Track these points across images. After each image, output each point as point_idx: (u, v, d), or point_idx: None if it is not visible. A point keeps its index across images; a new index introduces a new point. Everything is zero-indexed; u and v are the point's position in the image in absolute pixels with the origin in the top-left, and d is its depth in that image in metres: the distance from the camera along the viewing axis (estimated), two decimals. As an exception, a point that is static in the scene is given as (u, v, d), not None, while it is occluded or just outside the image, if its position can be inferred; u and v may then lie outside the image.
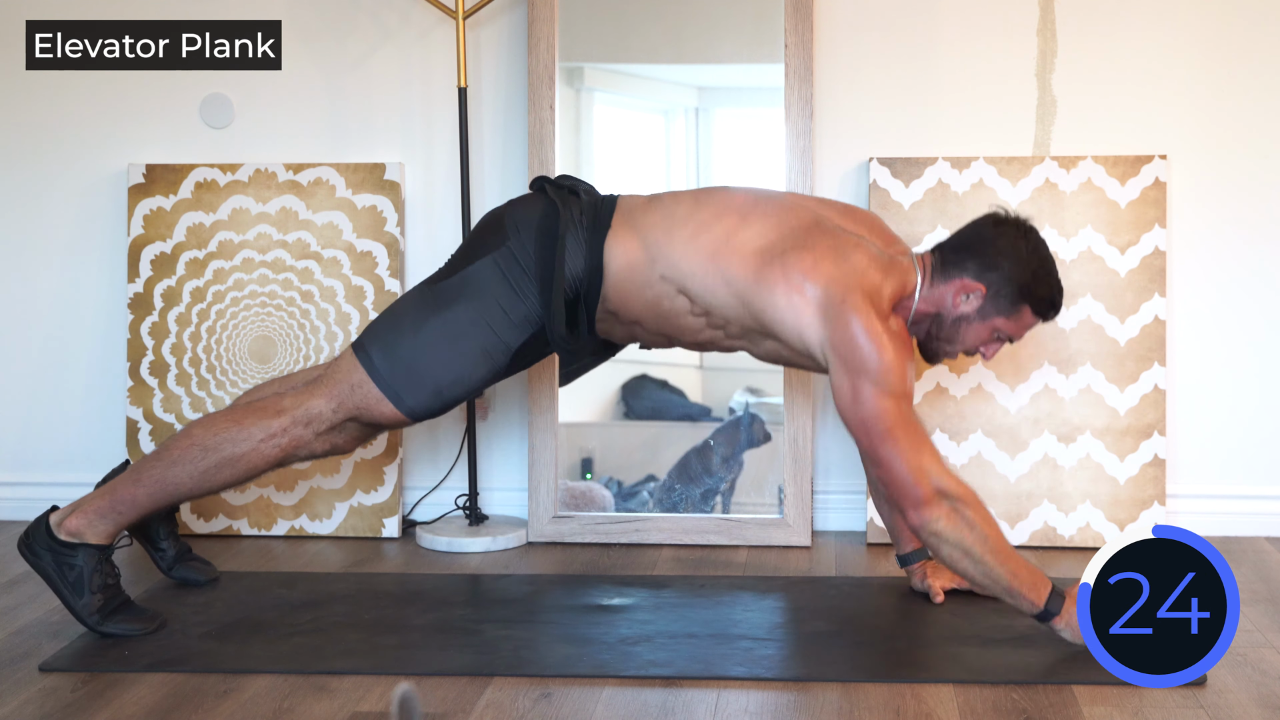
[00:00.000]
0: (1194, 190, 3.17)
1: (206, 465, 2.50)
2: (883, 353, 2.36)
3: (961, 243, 2.53)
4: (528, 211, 2.59)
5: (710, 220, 2.52)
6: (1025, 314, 2.51)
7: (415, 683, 2.26)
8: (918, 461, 2.32)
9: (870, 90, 3.21)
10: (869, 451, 2.38)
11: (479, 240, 2.60)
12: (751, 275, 2.46)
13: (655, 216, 2.55)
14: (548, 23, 3.17)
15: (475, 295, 2.53)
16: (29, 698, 2.22)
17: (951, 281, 2.50)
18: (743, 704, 2.18)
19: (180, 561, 2.80)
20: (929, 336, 2.55)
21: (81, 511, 2.48)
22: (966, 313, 2.50)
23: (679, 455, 3.20)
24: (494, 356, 2.55)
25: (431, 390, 2.54)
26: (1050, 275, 2.51)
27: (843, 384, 2.38)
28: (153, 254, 3.29)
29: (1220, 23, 3.14)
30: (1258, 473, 3.19)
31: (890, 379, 2.36)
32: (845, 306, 2.39)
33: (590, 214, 2.56)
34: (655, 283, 2.51)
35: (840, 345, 2.38)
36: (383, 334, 2.55)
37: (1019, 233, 2.50)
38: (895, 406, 2.35)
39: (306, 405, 2.53)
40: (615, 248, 2.52)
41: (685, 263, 2.49)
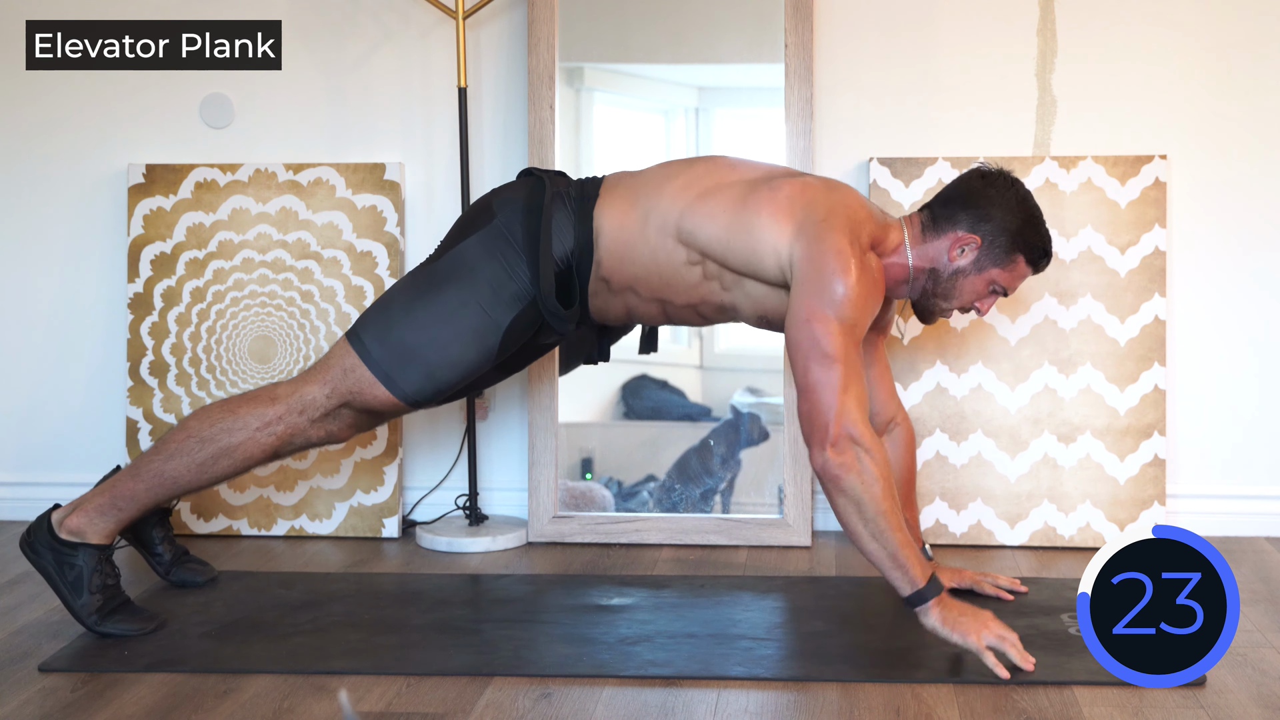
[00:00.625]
0: (1194, 190, 3.17)
1: (204, 456, 2.51)
2: (847, 276, 2.35)
3: (950, 198, 2.54)
4: (514, 191, 2.64)
5: (702, 171, 2.58)
6: (1019, 263, 2.53)
7: (415, 683, 2.26)
8: (843, 400, 2.28)
9: (870, 90, 3.21)
10: (800, 373, 2.33)
11: (466, 222, 2.63)
12: (740, 200, 2.49)
13: (645, 178, 2.61)
14: (548, 23, 3.17)
15: (464, 275, 2.55)
16: (29, 698, 2.22)
17: (945, 235, 2.52)
18: (743, 704, 2.18)
19: (177, 564, 2.80)
20: (925, 294, 2.56)
21: (82, 510, 2.48)
22: (963, 265, 2.51)
23: (679, 455, 3.19)
24: (485, 336, 2.55)
25: (424, 372, 2.54)
26: (1041, 223, 2.54)
27: (800, 298, 2.36)
28: (153, 254, 3.29)
29: (1220, 23, 3.14)
30: (1258, 473, 3.19)
31: (848, 307, 2.34)
32: (823, 225, 2.40)
33: (578, 188, 2.62)
34: (650, 235, 2.53)
35: (808, 259, 2.37)
36: (374, 319, 2.58)
37: (1006, 184, 2.52)
38: (844, 335, 2.32)
39: (300, 392, 2.54)
40: (606, 211, 2.56)
41: (677, 205, 2.52)
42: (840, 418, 2.28)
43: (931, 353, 3.13)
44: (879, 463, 2.28)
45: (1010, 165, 3.13)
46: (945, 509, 3.11)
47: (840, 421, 2.28)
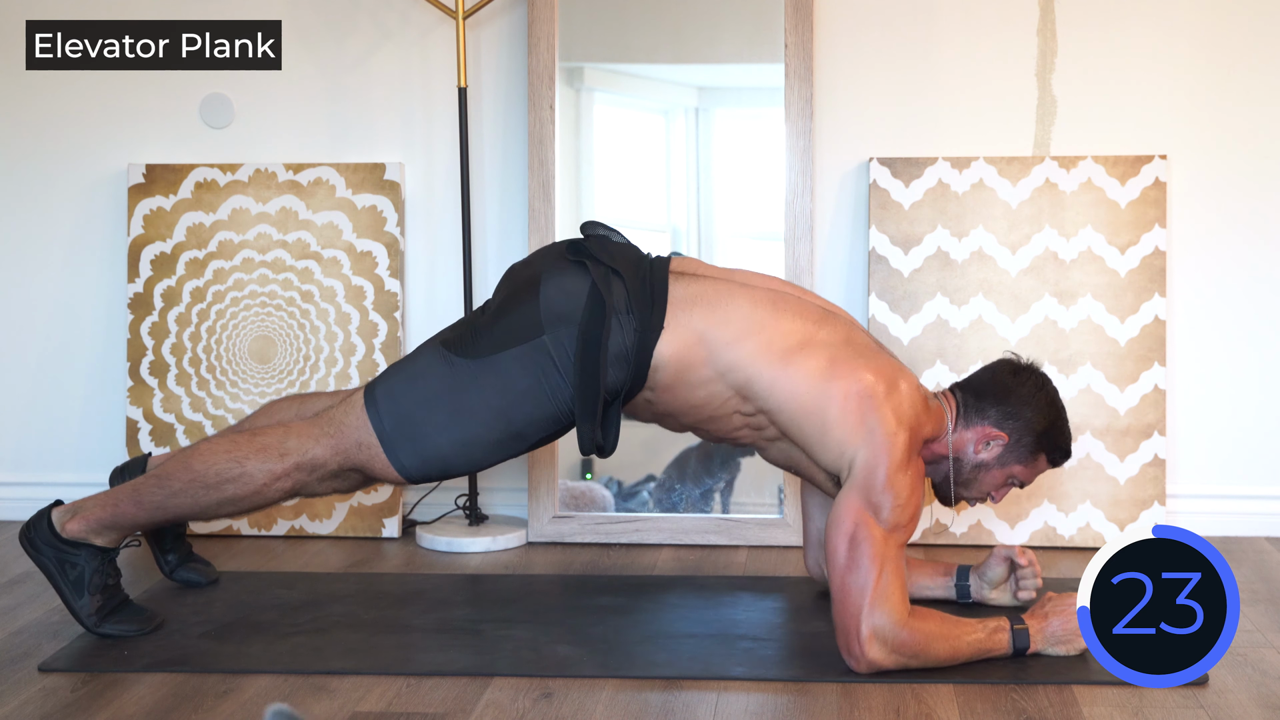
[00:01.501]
0: (1194, 190, 3.17)
1: (208, 501, 2.46)
2: (904, 491, 2.31)
3: (981, 389, 2.50)
4: (567, 298, 2.42)
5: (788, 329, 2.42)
6: (1041, 461, 2.50)
7: (415, 683, 2.26)
8: (872, 603, 2.24)
9: (870, 90, 3.21)
10: (837, 573, 2.28)
11: (513, 319, 2.44)
12: (821, 373, 2.37)
13: (718, 314, 2.42)
14: (548, 23, 3.17)
15: (501, 388, 2.42)
16: (29, 698, 2.22)
17: (973, 428, 2.48)
18: (743, 704, 2.18)
19: (182, 564, 2.80)
20: (945, 480, 2.52)
21: (83, 518, 2.47)
22: (986, 460, 2.48)
23: (678, 453, 3.19)
24: (509, 447, 2.48)
25: (439, 469, 2.48)
26: (1065, 425, 2.51)
27: (850, 502, 2.30)
28: (153, 254, 3.29)
29: (1220, 23, 3.14)
30: (1258, 473, 3.19)
31: (899, 515, 2.30)
32: (892, 439, 2.33)
33: (639, 301, 2.41)
34: (712, 382, 2.42)
35: (867, 468, 2.31)
36: (398, 397, 2.45)
37: (1037, 383, 2.49)
38: (887, 540, 2.28)
39: (310, 453, 2.45)
40: (669, 348, 2.40)
41: (754, 366, 2.39)
42: (864, 623, 2.24)
43: (931, 353, 3.13)
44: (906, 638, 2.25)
45: (1010, 165, 3.13)
46: (945, 509, 3.11)
47: (863, 629, 2.24)
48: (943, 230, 3.13)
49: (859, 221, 3.22)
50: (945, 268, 3.13)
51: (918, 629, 2.25)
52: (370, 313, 3.24)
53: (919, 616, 2.27)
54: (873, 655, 2.24)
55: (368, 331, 3.24)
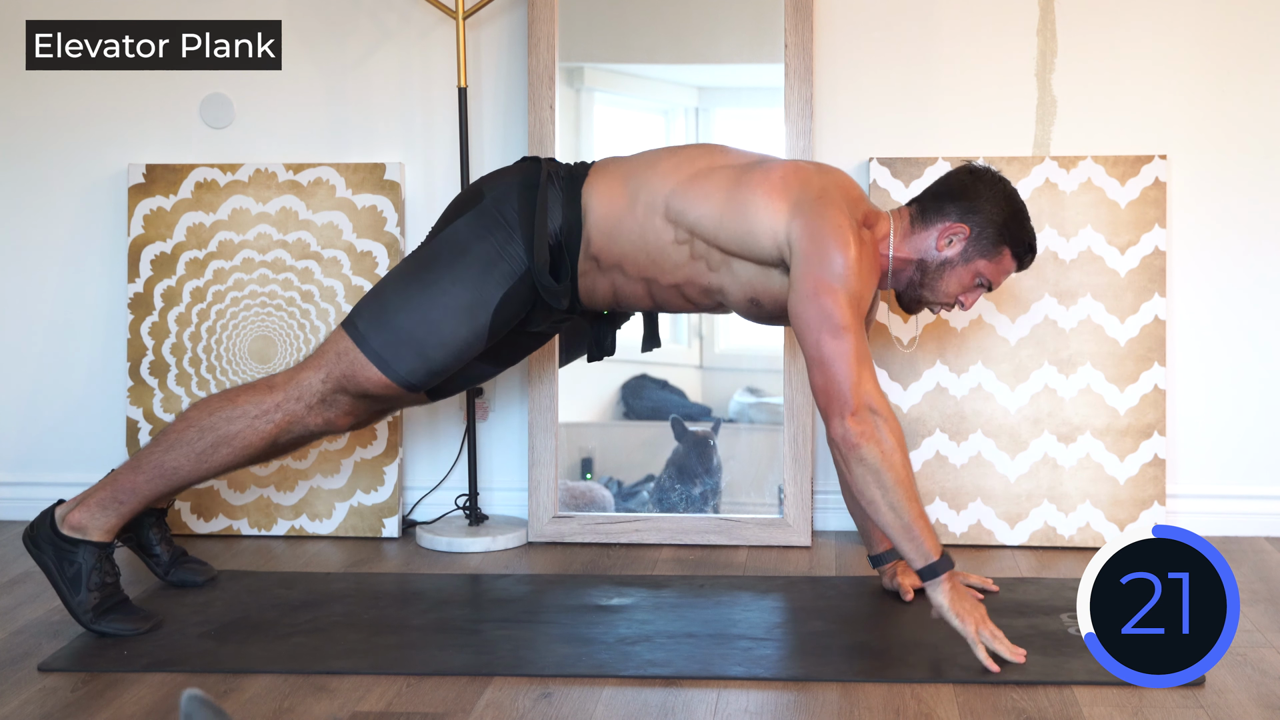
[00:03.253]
0: (1194, 190, 3.17)
1: (203, 445, 2.52)
2: (848, 250, 2.39)
3: (939, 191, 2.58)
4: (503, 173, 2.67)
5: (694, 154, 2.61)
6: (1005, 257, 2.56)
7: (415, 683, 2.26)
8: (858, 370, 2.32)
9: (870, 90, 3.21)
10: (812, 345, 2.35)
11: (455, 206, 2.67)
12: (733, 181, 2.52)
13: (635, 160, 2.64)
14: (548, 23, 3.17)
15: (454, 254, 2.57)
16: (29, 698, 2.22)
17: (933, 226, 2.55)
18: (743, 704, 2.18)
19: (176, 564, 2.80)
20: (911, 284, 2.58)
21: (84, 505, 2.49)
22: (950, 256, 2.54)
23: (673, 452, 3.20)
24: (476, 314, 2.56)
25: (416, 352, 2.55)
26: (1027, 219, 2.57)
27: (804, 275, 2.38)
28: (153, 254, 3.29)
29: (1220, 23, 3.14)
30: (1258, 473, 3.19)
31: (853, 279, 2.37)
32: (819, 202, 2.43)
33: (567, 170, 2.65)
34: (639, 213, 2.55)
35: (808, 235, 2.40)
36: (368, 304, 2.60)
37: (994, 179, 2.57)
38: (851, 306, 2.35)
39: (297, 379, 2.57)
40: (595, 190, 2.59)
41: (667, 184, 2.55)
42: (857, 387, 2.32)
43: (931, 353, 3.13)
44: (896, 432, 2.33)
45: (1010, 165, 3.13)
46: (945, 509, 3.11)
47: (858, 391, 2.31)
48: (943, 230, 3.13)
49: (859, 221, 3.22)
50: (945, 268, 3.13)
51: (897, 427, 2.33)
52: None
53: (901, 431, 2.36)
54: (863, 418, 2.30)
55: (368, 331, 3.24)
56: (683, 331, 3.28)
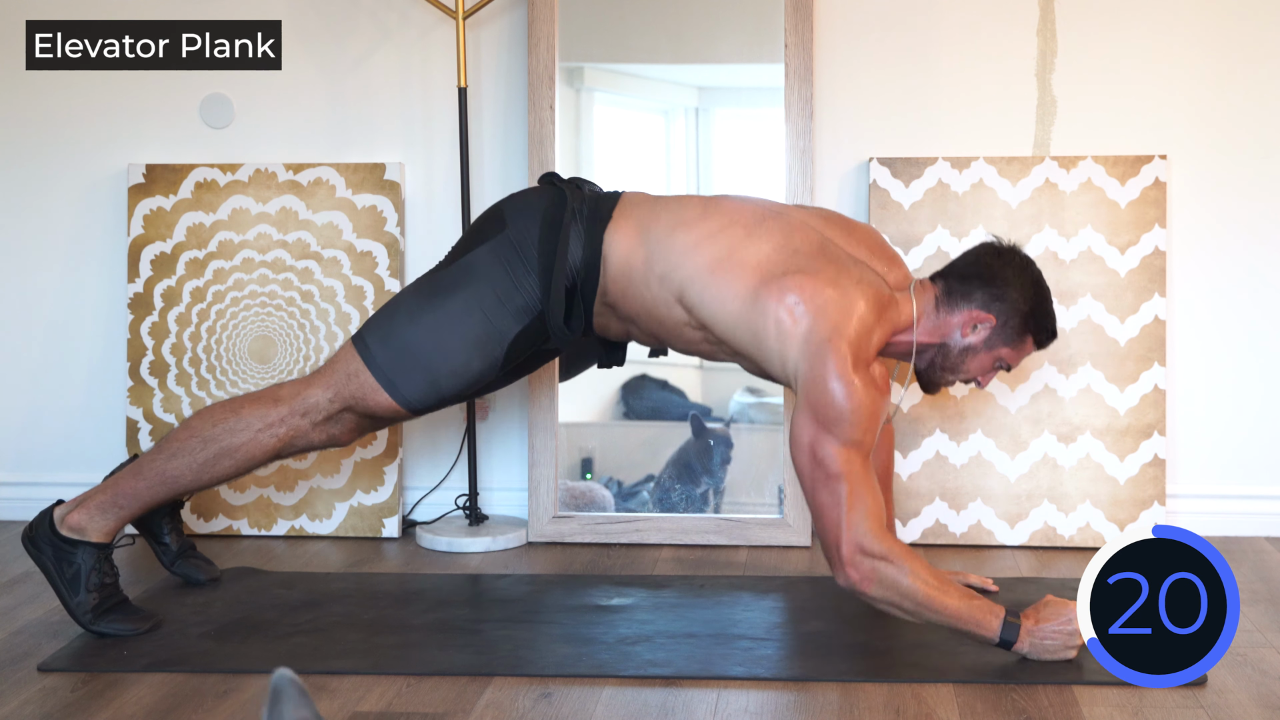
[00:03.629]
0: (1194, 190, 3.17)
1: (206, 456, 2.50)
2: (851, 400, 2.31)
3: (966, 272, 2.52)
4: (528, 200, 2.59)
5: (715, 230, 2.48)
6: (1028, 343, 2.53)
7: (415, 683, 2.26)
8: (850, 517, 2.27)
9: (870, 90, 3.21)
10: (808, 493, 2.33)
11: (477, 230, 2.61)
12: (749, 293, 2.42)
13: (659, 214, 2.54)
14: (548, 23, 3.17)
15: (471, 284, 2.53)
16: (29, 698, 2.22)
17: (959, 312, 2.50)
18: (743, 704, 2.18)
19: (182, 557, 2.80)
20: (932, 366, 2.54)
21: (84, 506, 2.48)
22: (973, 343, 2.50)
23: (675, 451, 3.20)
24: (489, 346, 2.53)
25: (426, 379, 2.53)
26: (1050, 305, 2.54)
27: (803, 420, 2.33)
28: (153, 254, 3.29)
29: (1220, 23, 3.14)
30: (1258, 473, 3.19)
31: (852, 430, 2.31)
32: (827, 346, 2.34)
33: (592, 204, 2.56)
34: (653, 284, 2.50)
35: (811, 383, 2.34)
36: (380, 323, 2.56)
37: (1021, 264, 2.52)
38: (848, 455, 2.30)
39: (304, 395, 2.53)
40: (615, 238, 2.52)
41: (684, 269, 2.46)
42: (849, 535, 2.27)
43: (931, 353, 3.13)
44: (898, 560, 2.26)
45: (1010, 165, 3.13)
46: (945, 509, 3.11)
47: (849, 540, 2.27)
48: (943, 230, 3.13)
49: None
50: (945, 268, 3.13)
51: (902, 553, 2.27)
52: (370, 313, 3.24)
53: (908, 552, 2.28)
54: (858, 568, 2.25)
55: (368, 331, 3.24)
56: (683, 331, 3.27)
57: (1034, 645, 2.29)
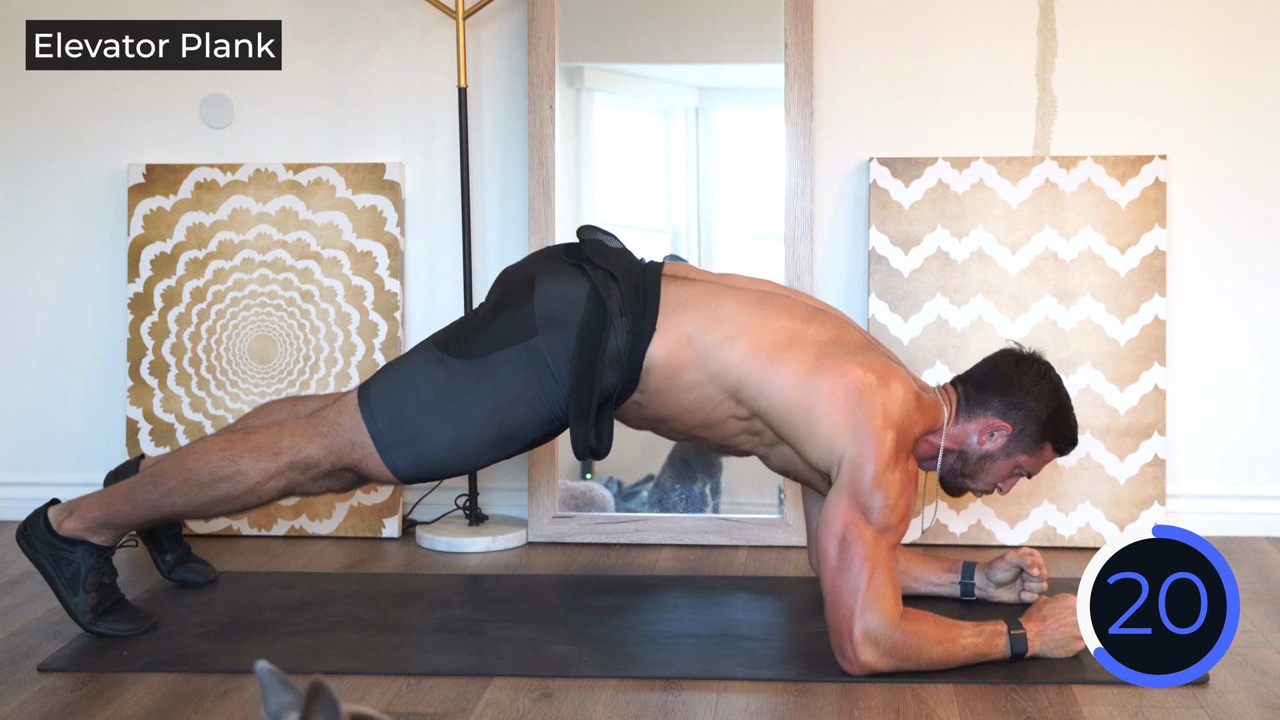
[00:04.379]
0: (1194, 190, 3.17)
1: (201, 500, 2.47)
2: (892, 487, 2.31)
3: (984, 380, 2.50)
4: (562, 300, 2.44)
5: (775, 331, 2.43)
6: (1046, 450, 2.50)
7: (415, 683, 2.26)
8: (865, 602, 2.24)
9: (870, 90, 3.21)
10: (829, 576, 2.29)
11: (507, 319, 2.45)
12: (808, 370, 2.38)
13: (707, 315, 2.43)
14: (548, 23, 3.17)
15: (494, 389, 2.43)
16: (29, 698, 2.22)
17: (976, 419, 2.48)
18: (743, 704, 2.18)
19: (180, 564, 2.80)
20: (953, 472, 2.51)
21: (79, 516, 2.47)
22: (991, 450, 2.48)
23: (674, 453, 3.20)
24: (502, 448, 2.49)
25: (431, 468, 2.48)
26: (1070, 413, 2.51)
27: (839, 503, 2.31)
28: (153, 254, 3.29)
29: (1220, 23, 3.14)
30: (1258, 473, 3.19)
31: (889, 516, 2.30)
32: (879, 434, 2.32)
33: (632, 304, 2.42)
34: (703, 385, 2.42)
35: (856, 467, 2.32)
36: (391, 398, 2.46)
37: (1039, 371, 2.50)
38: (878, 542, 2.28)
39: (304, 452, 2.46)
40: (661, 346, 2.40)
41: (745, 367, 2.40)
42: (860, 627, 2.24)
43: (931, 353, 3.13)
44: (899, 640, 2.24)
45: (1010, 165, 3.13)
46: (945, 509, 3.11)
47: (860, 633, 2.24)
48: (943, 230, 3.13)
49: (859, 221, 3.22)
50: (945, 268, 3.13)
51: (911, 631, 2.25)
52: (370, 313, 3.24)
53: (913, 619, 2.27)
54: (866, 657, 2.24)
55: (368, 332, 3.25)
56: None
57: (1043, 646, 2.31)
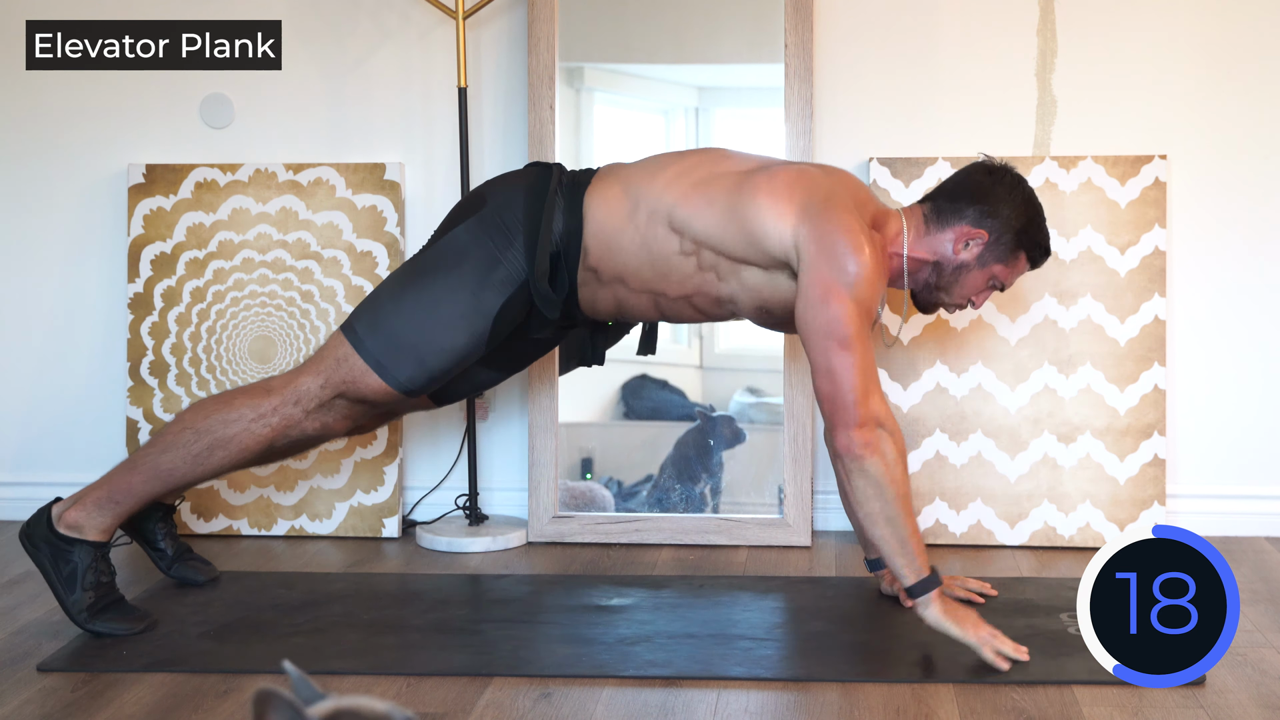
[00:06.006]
0: (1194, 190, 3.17)
1: (199, 448, 2.51)
2: (859, 254, 2.33)
3: (956, 191, 2.54)
4: (508, 179, 2.65)
5: (696, 161, 2.57)
6: (1021, 260, 2.54)
7: (415, 683, 2.26)
8: (865, 381, 2.30)
9: (870, 90, 3.21)
10: (822, 357, 2.32)
11: (457, 210, 2.65)
12: (736, 186, 2.47)
13: (637, 167, 2.61)
14: (548, 23, 3.17)
15: (453, 261, 2.55)
16: (29, 698, 2.22)
17: (950, 228, 2.51)
18: (743, 704, 2.18)
19: (179, 561, 2.80)
20: (926, 286, 2.55)
21: (81, 503, 2.48)
22: (967, 260, 2.52)
23: (672, 448, 3.20)
24: (474, 321, 2.54)
25: (414, 359, 2.54)
26: (1043, 220, 2.56)
27: (813, 280, 2.33)
28: (153, 254, 3.29)
29: (1220, 23, 3.14)
30: (1257, 473, 3.19)
31: (863, 285, 2.32)
32: (828, 205, 2.39)
33: (570, 177, 2.61)
34: (641, 223, 2.51)
35: (817, 239, 2.35)
36: (366, 309, 2.58)
37: (1013, 181, 2.53)
38: (860, 315, 2.32)
39: (295, 383, 2.55)
40: (596, 198, 2.55)
41: (670, 193, 2.51)
42: (864, 400, 2.30)
43: (932, 352, 3.13)
44: (899, 446, 2.33)
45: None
46: (945, 509, 3.11)
47: (864, 404, 2.30)
48: (943, 230, 3.13)
49: (859, 221, 3.22)
50: (945, 268, 3.13)
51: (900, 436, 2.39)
52: (370, 313, 3.24)
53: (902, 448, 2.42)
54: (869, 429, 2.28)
55: (368, 331, 3.25)
56: (683, 331, 3.28)
57: (945, 609, 2.29)
